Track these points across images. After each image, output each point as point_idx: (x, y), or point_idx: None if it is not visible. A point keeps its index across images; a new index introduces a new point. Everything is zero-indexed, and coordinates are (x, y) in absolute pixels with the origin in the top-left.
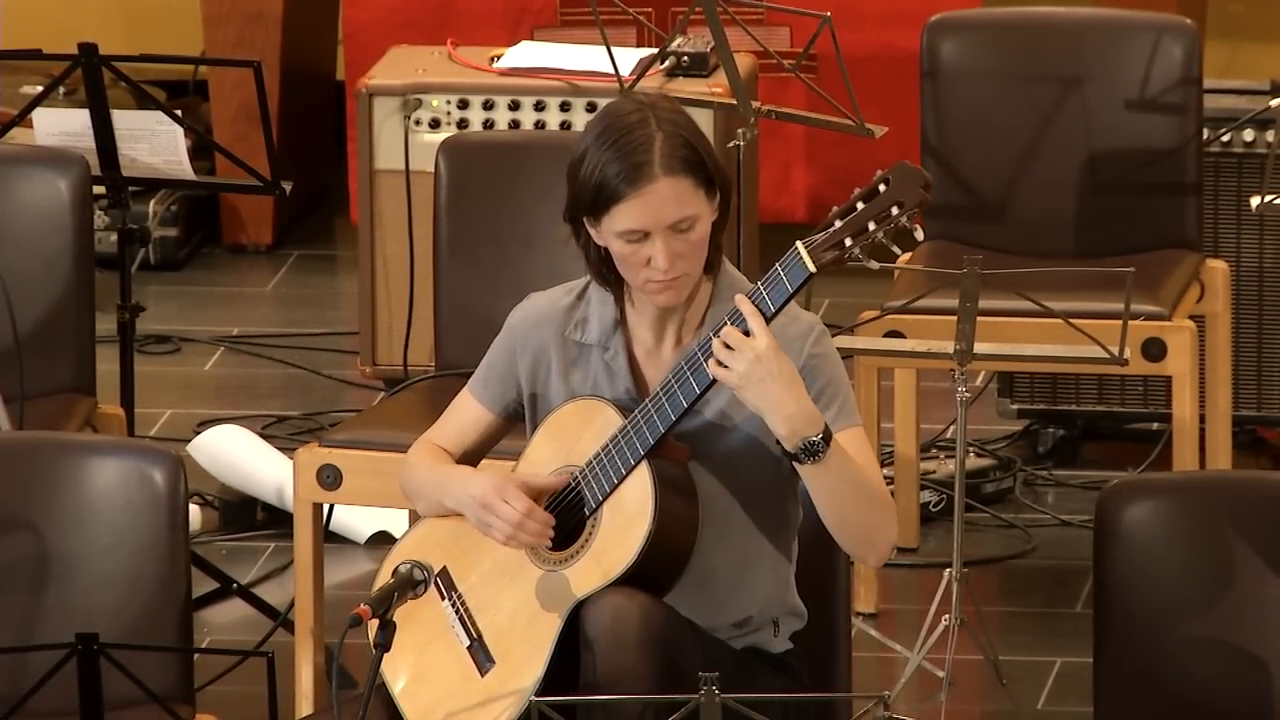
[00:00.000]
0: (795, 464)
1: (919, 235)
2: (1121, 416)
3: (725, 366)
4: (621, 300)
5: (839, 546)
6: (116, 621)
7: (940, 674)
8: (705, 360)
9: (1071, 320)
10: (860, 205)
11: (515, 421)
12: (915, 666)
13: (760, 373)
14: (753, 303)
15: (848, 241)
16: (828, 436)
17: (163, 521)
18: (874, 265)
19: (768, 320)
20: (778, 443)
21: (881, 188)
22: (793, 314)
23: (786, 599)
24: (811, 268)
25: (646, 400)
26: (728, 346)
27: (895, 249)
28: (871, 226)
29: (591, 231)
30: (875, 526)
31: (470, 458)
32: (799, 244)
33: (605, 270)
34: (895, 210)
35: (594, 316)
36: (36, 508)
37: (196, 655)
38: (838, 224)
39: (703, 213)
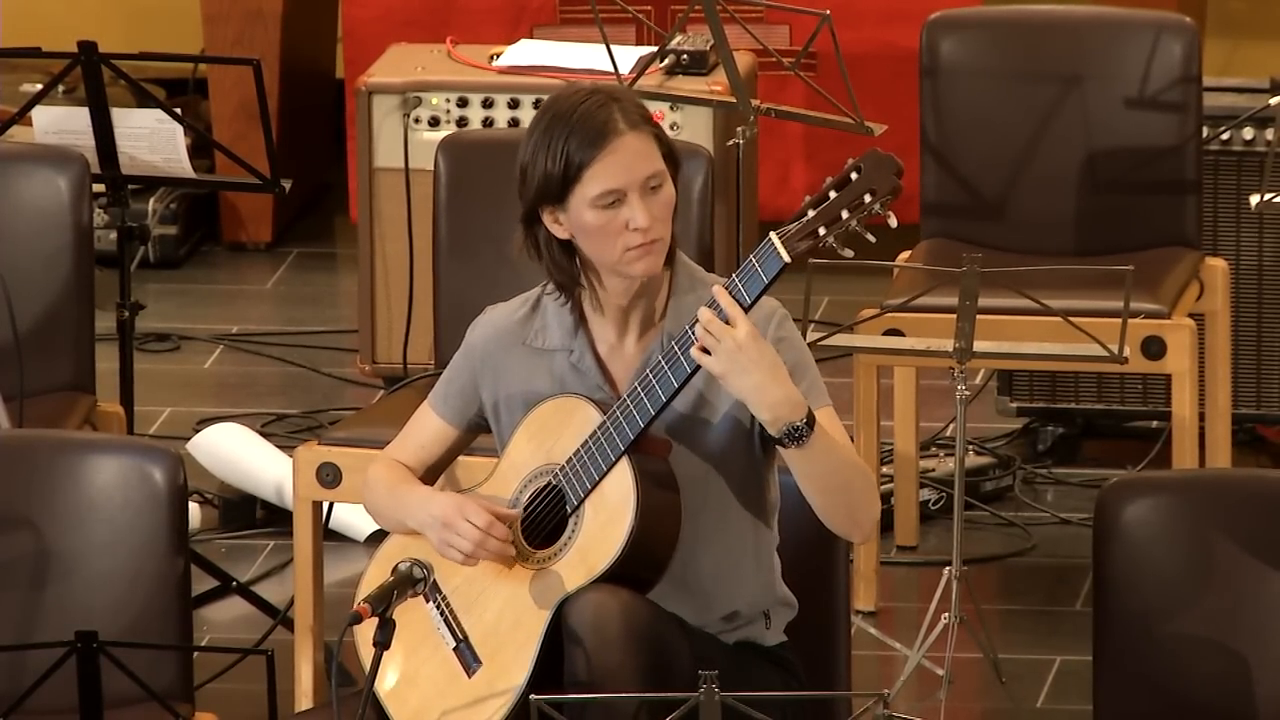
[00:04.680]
0: (779, 448)
1: (892, 222)
2: (1121, 414)
3: (708, 354)
4: (579, 302)
5: (839, 541)
6: (116, 619)
7: (940, 672)
8: (685, 351)
9: (1071, 318)
10: (833, 194)
11: (477, 434)
12: (915, 665)
13: (743, 361)
14: (729, 293)
15: (821, 230)
16: (811, 420)
17: (162, 519)
18: (849, 253)
19: (745, 311)
20: (761, 428)
21: (853, 176)
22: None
23: (775, 588)
24: (786, 258)
25: (624, 395)
26: (709, 334)
27: (869, 237)
28: (845, 215)
29: (553, 226)
30: (859, 505)
31: (433, 472)
32: (773, 235)
33: (566, 267)
34: (868, 198)
35: (553, 322)
36: (36, 506)
37: (196, 653)
38: (811, 213)
39: (667, 172)
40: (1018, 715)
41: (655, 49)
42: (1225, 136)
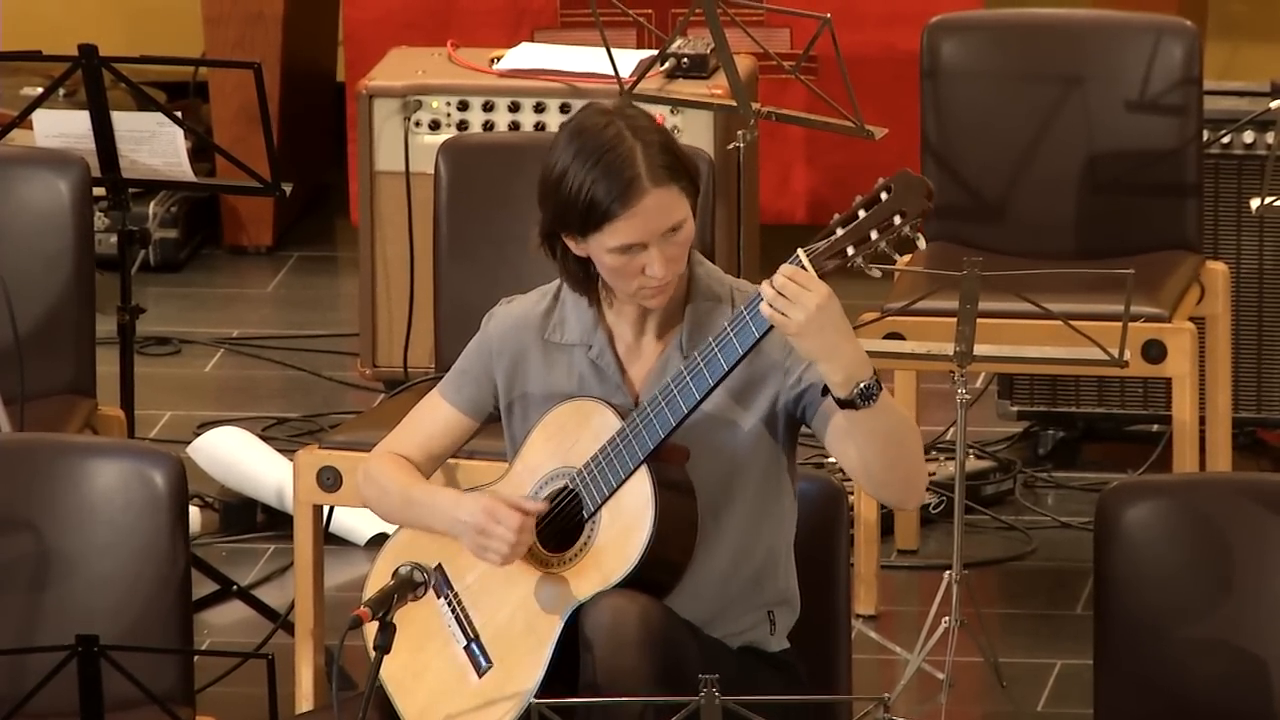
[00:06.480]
0: (850, 410)
1: (921, 244)
2: (1121, 418)
3: (783, 315)
4: (598, 301)
5: (839, 545)
6: (117, 623)
7: (940, 676)
8: (708, 359)
9: (1071, 322)
10: (862, 213)
11: (487, 425)
12: (915, 668)
13: (821, 320)
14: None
15: (850, 250)
16: (878, 378)
17: (163, 523)
18: (876, 273)
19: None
20: (824, 392)
21: (883, 196)
22: (744, 289)
23: (786, 590)
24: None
25: (645, 403)
26: (783, 296)
27: (896, 256)
28: (874, 235)
29: (572, 244)
30: (917, 467)
31: (435, 462)
32: (800, 251)
33: (581, 276)
34: (898, 219)
35: (572, 317)
36: (37, 509)
37: (196, 657)
38: (839, 232)
39: (688, 213)
40: (1018, 719)
41: (656, 52)
42: (1226, 140)
